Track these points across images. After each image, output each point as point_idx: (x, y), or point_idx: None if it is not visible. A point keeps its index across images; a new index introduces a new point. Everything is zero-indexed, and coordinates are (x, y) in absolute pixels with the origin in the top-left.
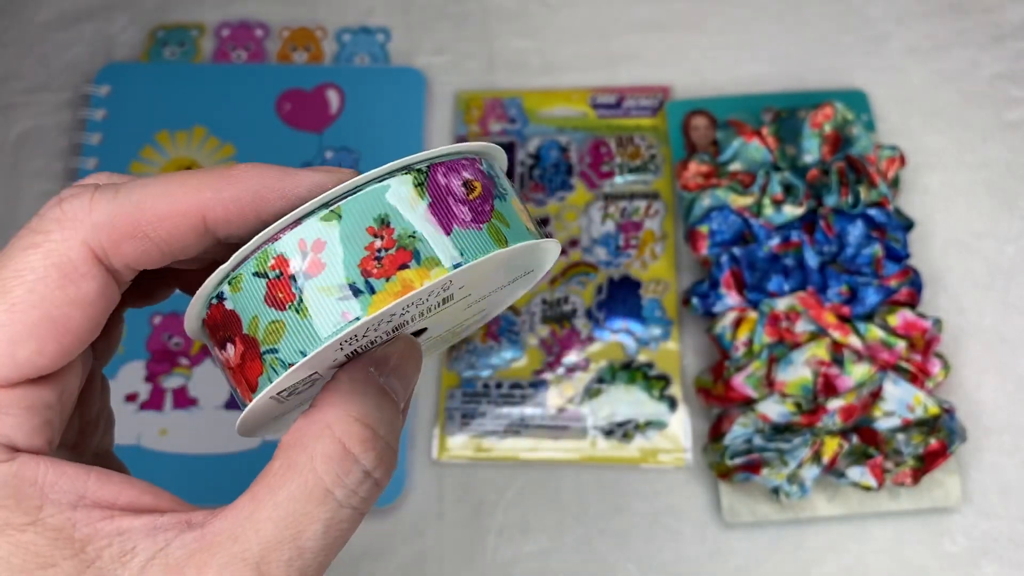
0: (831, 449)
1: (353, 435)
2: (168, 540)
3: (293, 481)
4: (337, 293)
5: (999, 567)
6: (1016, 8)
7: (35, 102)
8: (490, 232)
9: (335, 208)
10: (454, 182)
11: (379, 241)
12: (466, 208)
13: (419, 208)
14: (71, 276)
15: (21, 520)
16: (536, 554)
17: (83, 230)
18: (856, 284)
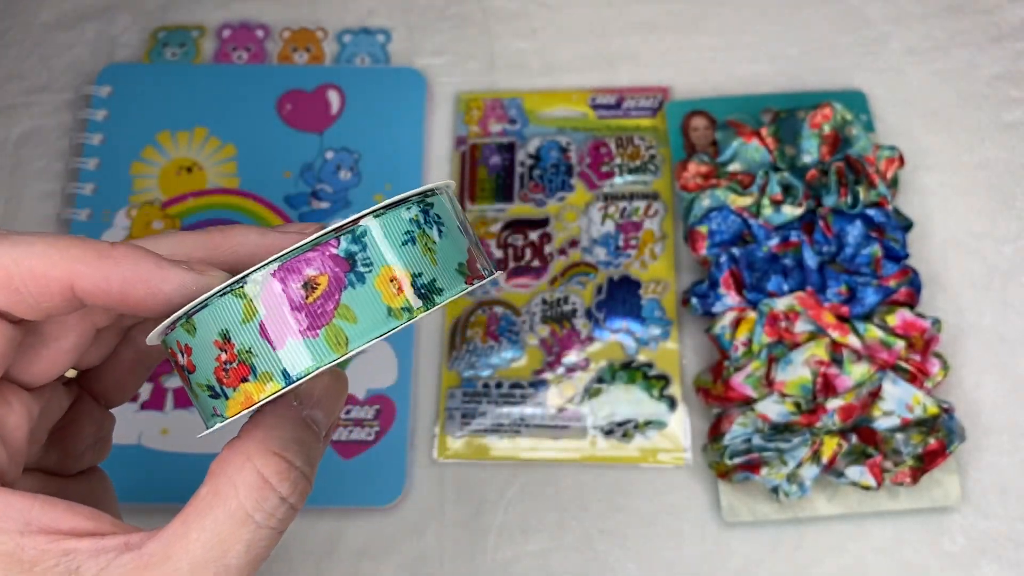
0: (830, 449)
1: (270, 467)
2: (109, 560)
3: (219, 507)
4: (207, 391)
5: (998, 567)
6: (1015, 9)
7: (36, 102)
8: (327, 338)
9: (191, 320)
10: (292, 287)
11: (224, 354)
12: (303, 315)
13: (253, 323)
14: None
15: None
16: (536, 553)
17: None
18: (855, 284)
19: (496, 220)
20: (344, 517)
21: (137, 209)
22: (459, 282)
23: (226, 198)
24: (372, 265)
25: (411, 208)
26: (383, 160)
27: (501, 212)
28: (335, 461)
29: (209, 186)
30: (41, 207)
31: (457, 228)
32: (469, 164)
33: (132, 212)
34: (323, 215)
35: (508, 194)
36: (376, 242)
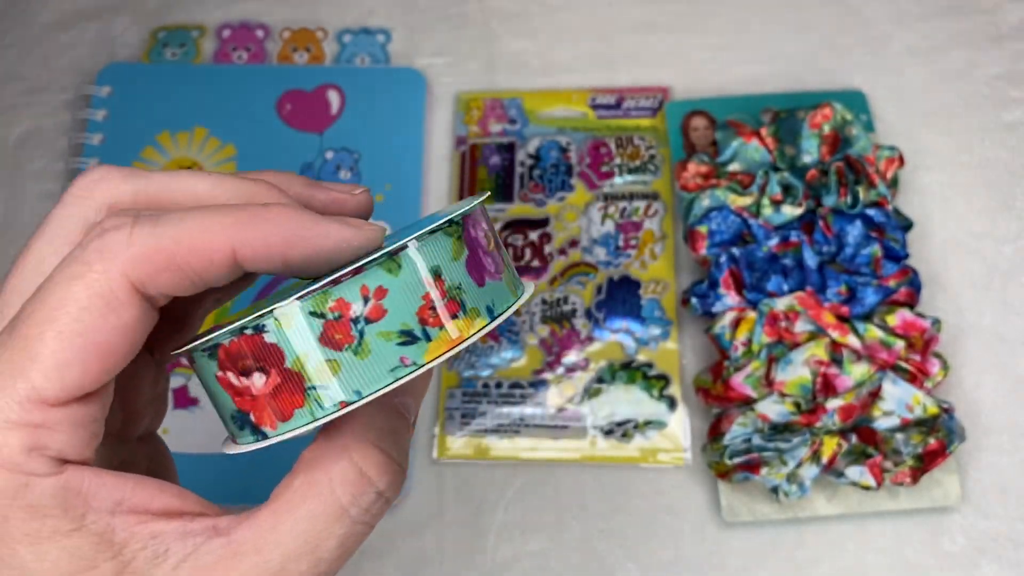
0: (830, 448)
1: (369, 459)
2: (197, 544)
3: (313, 499)
4: (397, 339)
5: (998, 566)
6: (1014, 9)
7: (36, 102)
8: (507, 282)
9: (397, 259)
10: (479, 234)
11: (434, 292)
12: (490, 260)
13: (461, 260)
14: (112, 305)
15: (68, 527)
16: (536, 553)
17: (123, 263)
18: (855, 284)
19: (496, 220)
20: None
21: None
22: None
23: None
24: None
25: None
26: (383, 160)
27: (501, 212)
28: None
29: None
30: (41, 207)
31: None
32: (469, 164)
33: None
34: None
35: (508, 194)
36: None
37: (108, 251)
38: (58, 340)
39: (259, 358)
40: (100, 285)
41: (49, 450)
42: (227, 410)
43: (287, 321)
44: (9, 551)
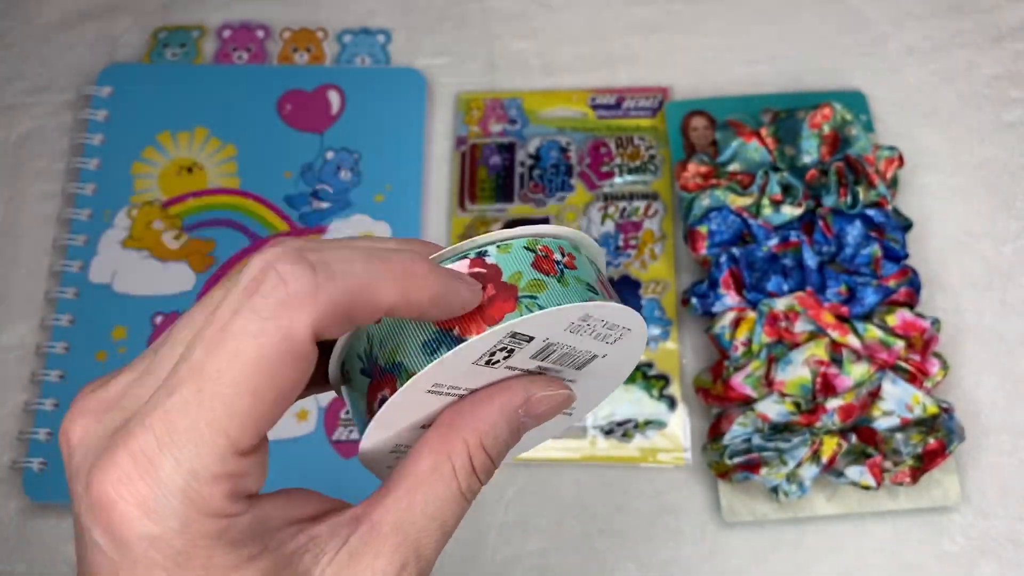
0: (830, 448)
1: (479, 459)
2: (347, 536)
3: (439, 483)
4: (584, 284)
5: (997, 566)
6: (1014, 9)
7: (37, 103)
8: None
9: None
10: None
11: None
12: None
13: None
14: (299, 357)
15: (257, 551)
16: (536, 553)
17: (310, 315)
18: (855, 284)
19: (496, 220)
20: None
21: (138, 209)
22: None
23: (226, 198)
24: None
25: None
26: (383, 160)
27: (501, 212)
28: (335, 461)
29: (209, 186)
30: (42, 207)
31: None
32: (469, 164)
33: (133, 212)
34: (323, 215)
35: (508, 194)
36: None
37: (295, 303)
38: (254, 397)
39: (480, 276)
40: (290, 342)
41: (245, 492)
42: (420, 338)
43: (506, 248)
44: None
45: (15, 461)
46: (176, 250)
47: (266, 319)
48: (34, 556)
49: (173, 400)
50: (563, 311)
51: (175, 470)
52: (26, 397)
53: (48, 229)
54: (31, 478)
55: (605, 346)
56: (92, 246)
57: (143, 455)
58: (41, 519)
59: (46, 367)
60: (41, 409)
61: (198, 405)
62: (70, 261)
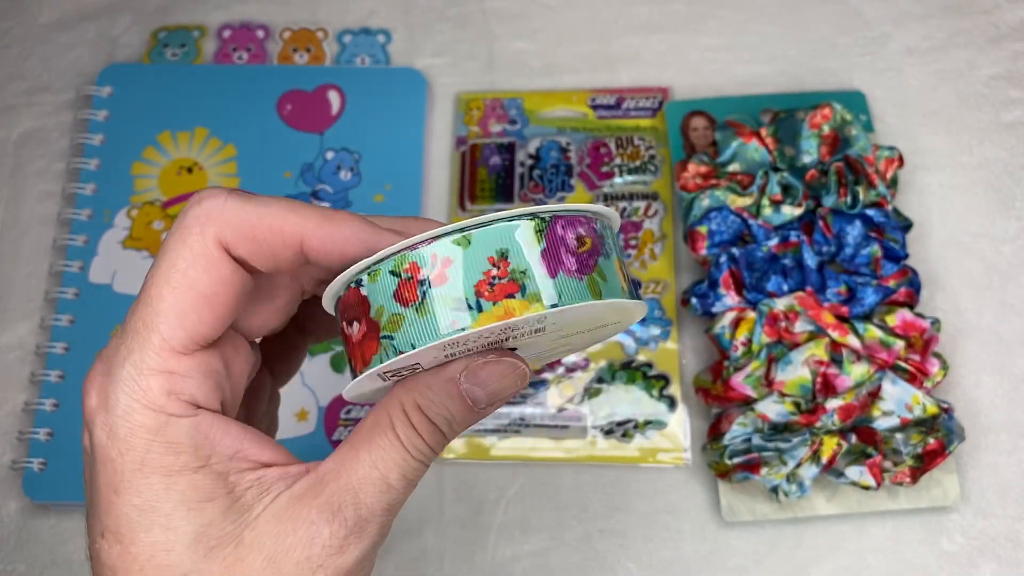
0: (830, 448)
1: (416, 417)
2: (293, 481)
3: (380, 436)
4: (453, 304)
5: (997, 566)
6: (1014, 9)
7: (37, 103)
8: (589, 284)
9: (467, 235)
10: (569, 235)
11: (495, 270)
12: (574, 259)
13: (535, 250)
14: (211, 261)
15: (196, 464)
16: (536, 553)
17: (216, 227)
18: (854, 284)
19: None
20: None
21: (138, 209)
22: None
23: None
24: (612, 251)
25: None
26: (383, 160)
27: None
28: None
29: (210, 186)
30: (41, 207)
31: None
32: (469, 164)
33: (133, 212)
34: None
35: (508, 194)
36: (614, 234)
37: (205, 216)
38: (174, 294)
39: (356, 308)
40: (200, 245)
41: (184, 394)
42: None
43: (375, 276)
44: (145, 480)
45: (15, 461)
46: None
47: (183, 231)
48: (34, 556)
49: (130, 309)
50: (418, 353)
51: (123, 364)
52: (26, 397)
53: (48, 229)
54: (31, 478)
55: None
56: (92, 246)
57: (106, 355)
58: (41, 519)
59: (46, 367)
60: (41, 409)
61: (137, 308)
62: (70, 261)
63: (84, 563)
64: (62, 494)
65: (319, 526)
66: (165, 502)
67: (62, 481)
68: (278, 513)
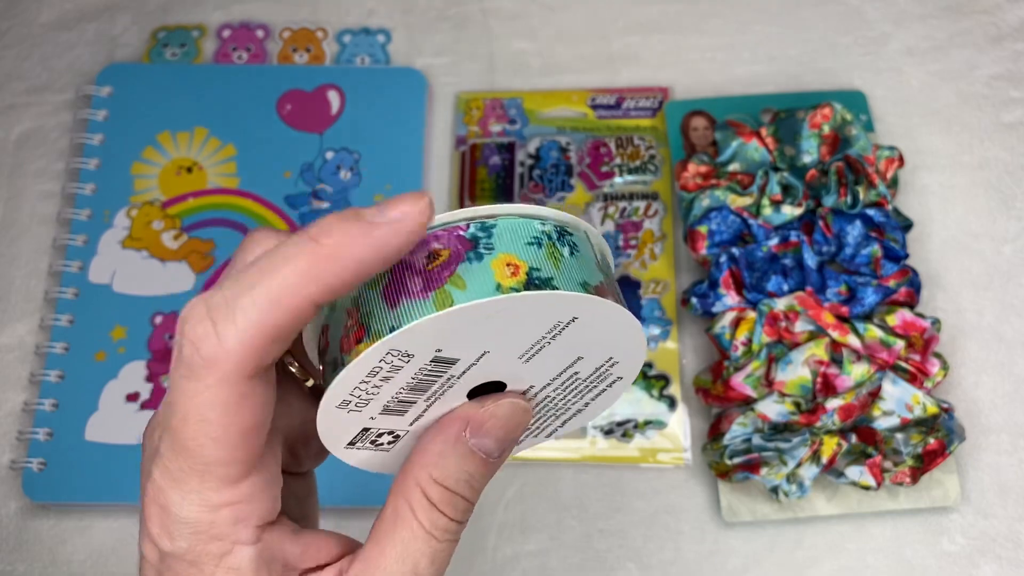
0: (830, 448)
1: (435, 495)
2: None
3: (402, 527)
4: (330, 367)
5: (997, 566)
6: (1014, 9)
7: (37, 102)
8: (435, 299)
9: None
10: (417, 256)
11: (350, 320)
12: (419, 279)
13: (379, 287)
14: (242, 398)
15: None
16: (536, 553)
17: (226, 366)
18: (855, 284)
19: None
20: (344, 517)
21: (137, 209)
22: (578, 291)
23: (226, 198)
24: (493, 249)
25: (546, 224)
26: (383, 160)
27: None
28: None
29: (209, 186)
30: (41, 207)
31: (594, 262)
32: (469, 164)
33: (132, 212)
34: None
35: (508, 194)
36: (502, 234)
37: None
38: (216, 445)
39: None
40: (224, 390)
41: (251, 520)
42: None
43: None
44: None
45: (15, 461)
46: (176, 250)
47: (194, 381)
48: (34, 556)
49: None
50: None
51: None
52: (25, 397)
53: (48, 229)
54: (31, 478)
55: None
56: (92, 246)
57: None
58: (41, 519)
59: (45, 367)
60: (40, 409)
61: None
62: (70, 261)
63: (84, 562)
64: (61, 494)
65: None
66: None
67: (62, 481)
68: None
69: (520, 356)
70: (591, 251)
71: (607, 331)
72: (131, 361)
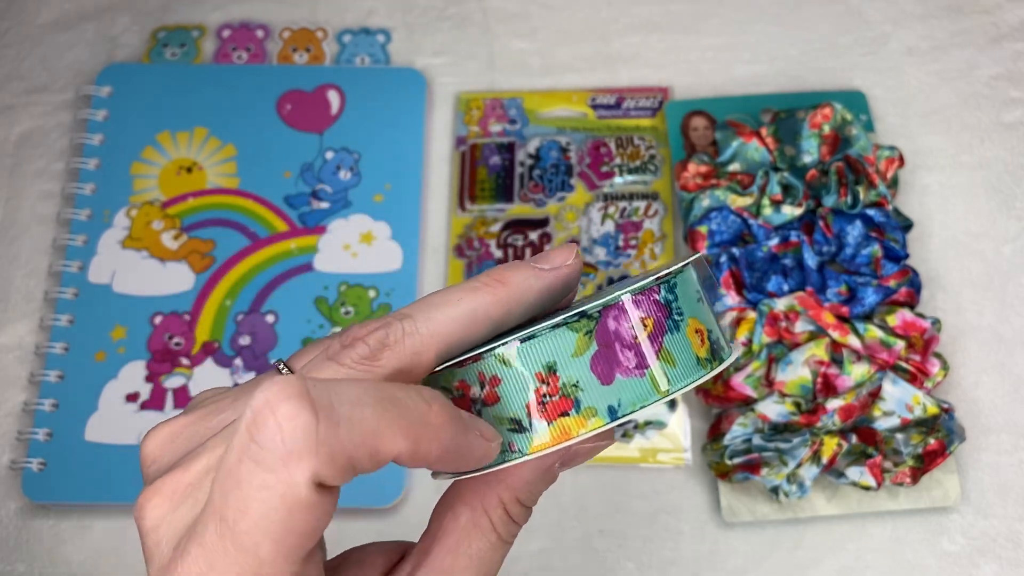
0: (830, 449)
1: (514, 510)
2: None
3: (479, 537)
4: (507, 424)
5: (997, 566)
6: (1014, 9)
7: (36, 102)
8: (651, 379)
9: (502, 354)
10: (623, 326)
11: (545, 387)
12: (632, 353)
13: (584, 357)
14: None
15: None
16: (536, 553)
17: (311, 467)
18: (855, 284)
19: (496, 220)
20: (344, 517)
21: (137, 209)
22: (729, 349)
23: (226, 198)
24: (683, 315)
25: (688, 270)
26: (383, 160)
27: (501, 212)
28: None
29: (209, 186)
30: (41, 207)
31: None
32: (469, 164)
33: (132, 212)
34: (323, 215)
35: (508, 194)
36: (685, 294)
37: (294, 455)
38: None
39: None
40: (293, 495)
41: None
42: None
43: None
44: None
45: (14, 461)
46: (175, 250)
47: (267, 471)
48: (34, 556)
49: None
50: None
51: None
52: (25, 397)
53: (47, 229)
54: (30, 478)
55: None
56: (92, 246)
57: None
58: (40, 519)
59: (45, 367)
60: (40, 409)
61: (224, 553)
62: (69, 261)
63: (84, 562)
64: (61, 494)
65: None
66: None
67: (61, 481)
68: None
69: None
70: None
71: None
72: (131, 361)
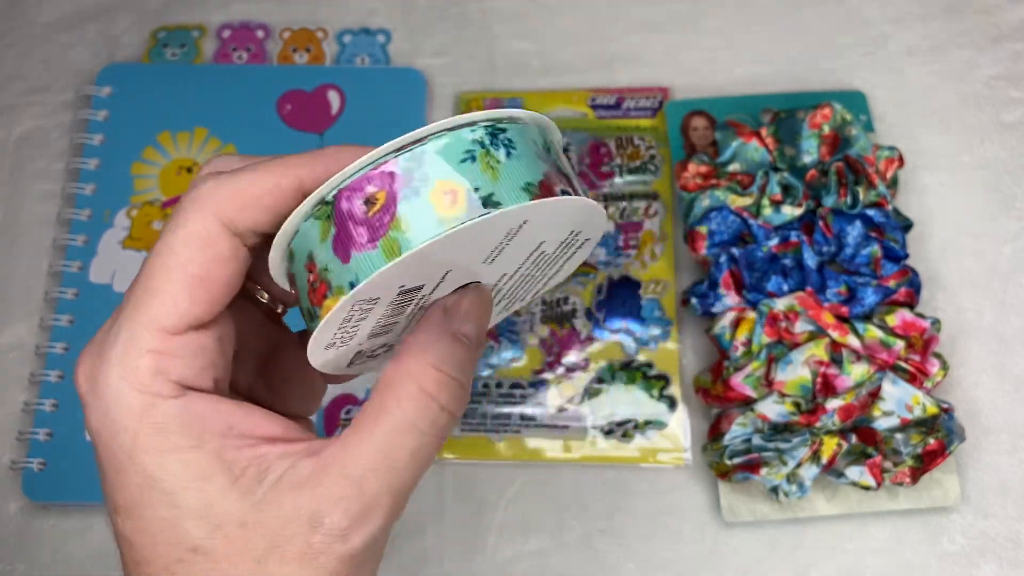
0: (830, 449)
1: (429, 379)
2: (294, 462)
3: (386, 418)
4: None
5: (997, 566)
6: (1014, 9)
7: (37, 103)
8: (383, 248)
9: (291, 247)
10: (355, 204)
11: (310, 275)
12: (364, 229)
13: (327, 241)
14: (208, 242)
15: (187, 444)
16: (536, 553)
17: (212, 207)
18: (855, 284)
19: None
20: None
21: (138, 209)
22: (523, 198)
23: None
24: (428, 179)
25: (476, 130)
26: None
27: None
28: None
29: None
30: (41, 207)
31: (534, 152)
32: None
33: (132, 212)
34: None
35: None
36: (433, 159)
37: (200, 200)
38: (167, 274)
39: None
40: (195, 226)
41: (171, 375)
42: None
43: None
44: (140, 460)
45: (15, 461)
46: None
47: (179, 216)
48: (34, 556)
49: (125, 292)
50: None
51: (112, 345)
52: (25, 397)
53: (48, 229)
54: (31, 478)
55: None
56: (92, 246)
57: (98, 338)
58: (41, 519)
59: (45, 367)
60: (40, 409)
61: (131, 290)
62: (70, 261)
63: (84, 562)
64: (62, 494)
65: (320, 515)
66: (163, 481)
67: (62, 481)
68: (279, 498)
69: (482, 262)
70: (530, 141)
71: (562, 218)
72: None
